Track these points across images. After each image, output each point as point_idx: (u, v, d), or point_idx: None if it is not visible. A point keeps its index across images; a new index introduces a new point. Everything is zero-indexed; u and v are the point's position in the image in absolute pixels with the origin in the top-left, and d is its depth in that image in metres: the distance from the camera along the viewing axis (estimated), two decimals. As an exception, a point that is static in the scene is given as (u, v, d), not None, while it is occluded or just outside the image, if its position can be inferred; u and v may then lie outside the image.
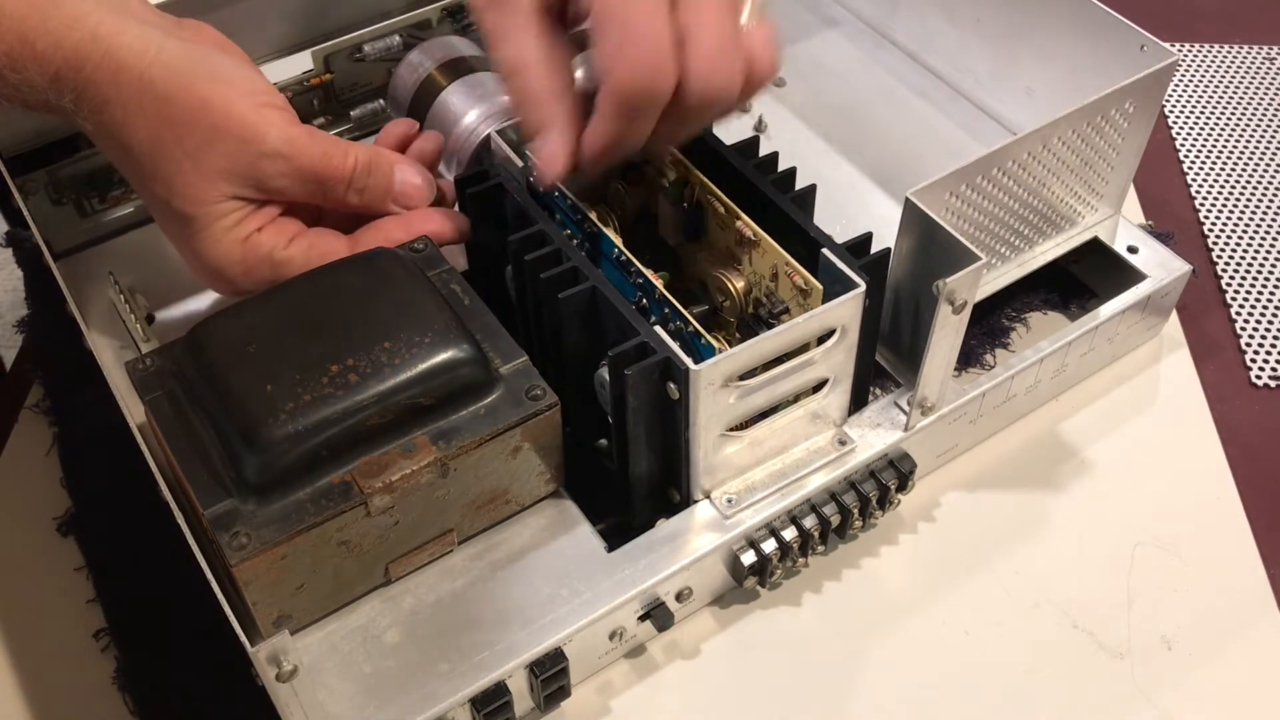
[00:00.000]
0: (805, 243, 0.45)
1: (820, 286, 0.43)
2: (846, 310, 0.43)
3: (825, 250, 0.44)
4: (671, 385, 0.42)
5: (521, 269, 0.46)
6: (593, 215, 0.47)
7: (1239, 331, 0.59)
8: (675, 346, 0.41)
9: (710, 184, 0.47)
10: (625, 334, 0.42)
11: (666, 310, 0.44)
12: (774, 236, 0.45)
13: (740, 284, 0.47)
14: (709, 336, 0.43)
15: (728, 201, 0.46)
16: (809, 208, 0.47)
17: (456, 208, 0.51)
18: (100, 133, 0.45)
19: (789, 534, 0.46)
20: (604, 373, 0.44)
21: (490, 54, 0.45)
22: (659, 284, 0.44)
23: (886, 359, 0.50)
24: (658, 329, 0.42)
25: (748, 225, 0.45)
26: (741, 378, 0.42)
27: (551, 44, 0.44)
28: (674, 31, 0.41)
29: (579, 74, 0.45)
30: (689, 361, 0.40)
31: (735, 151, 0.48)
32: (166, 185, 0.44)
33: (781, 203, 0.46)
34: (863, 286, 0.43)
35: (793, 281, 0.44)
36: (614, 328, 0.43)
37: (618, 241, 0.46)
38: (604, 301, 0.43)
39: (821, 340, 0.44)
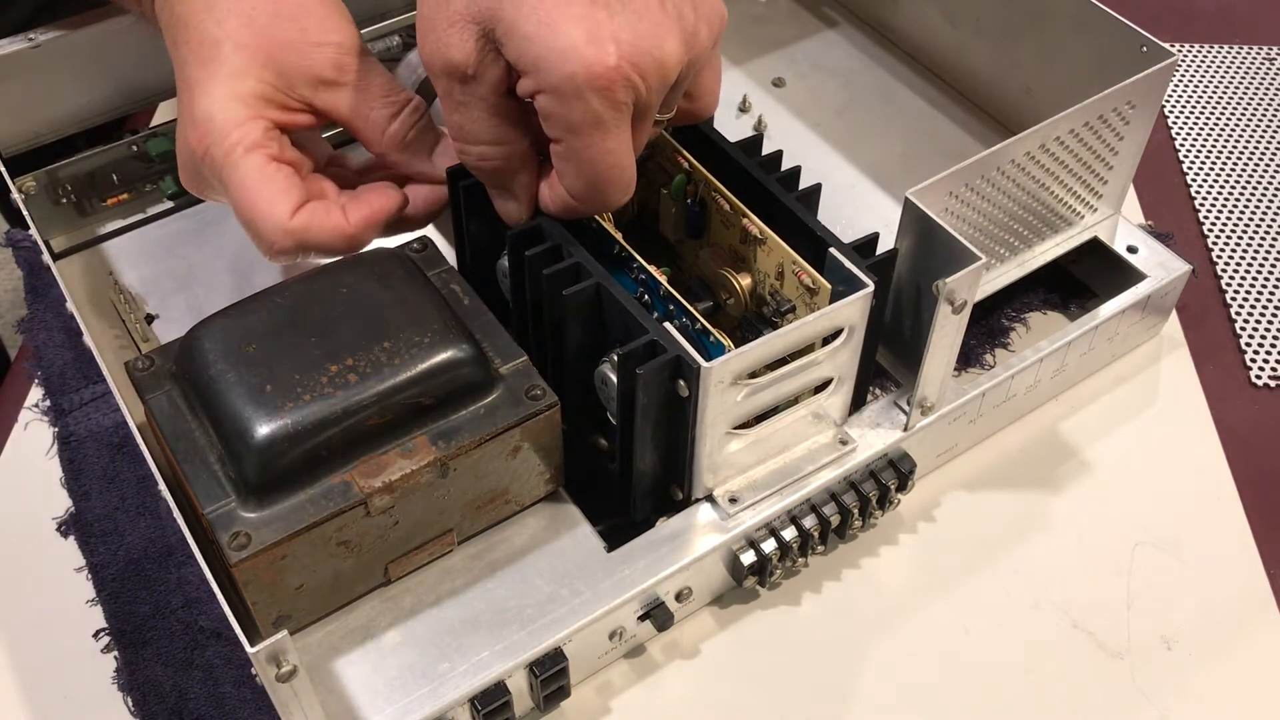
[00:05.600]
0: (810, 241, 0.44)
1: (828, 285, 0.43)
2: (855, 310, 0.43)
3: (833, 250, 0.43)
4: (681, 383, 0.41)
5: (521, 265, 0.46)
6: None
7: (1239, 331, 0.59)
8: (685, 344, 0.41)
9: (716, 181, 0.47)
10: (632, 332, 0.42)
11: (671, 307, 0.44)
12: (778, 235, 0.45)
13: (746, 282, 0.47)
14: (717, 333, 0.43)
15: (733, 199, 0.46)
16: (814, 207, 0.47)
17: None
18: (175, 21, 0.45)
19: (789, 534, 0.46)
20: (606, 369, 0.44)
21: (444, 116, 0.43)
22: (663, 279, 0.44)
23: (886, 359, 0.50)
24: (666, 325, 0.42)
25: (754, 223, 0.45)
26: (749, 376, 0.42)
27: (506, 121, 0.42)
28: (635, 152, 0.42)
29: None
30: (700, 359, 0.40)
31: (740, 149, 0.48)
32: (215, 44, 0.44)
33: (788, 201, 0.46)
34: (871, 286, 0.43)
35: (800, 280, 0.44)
36: (619, 325, 0.43)
37: (617, 236, 0.46)
38: (609, 298, 0.43)
39: (827, 340, 0.44)
